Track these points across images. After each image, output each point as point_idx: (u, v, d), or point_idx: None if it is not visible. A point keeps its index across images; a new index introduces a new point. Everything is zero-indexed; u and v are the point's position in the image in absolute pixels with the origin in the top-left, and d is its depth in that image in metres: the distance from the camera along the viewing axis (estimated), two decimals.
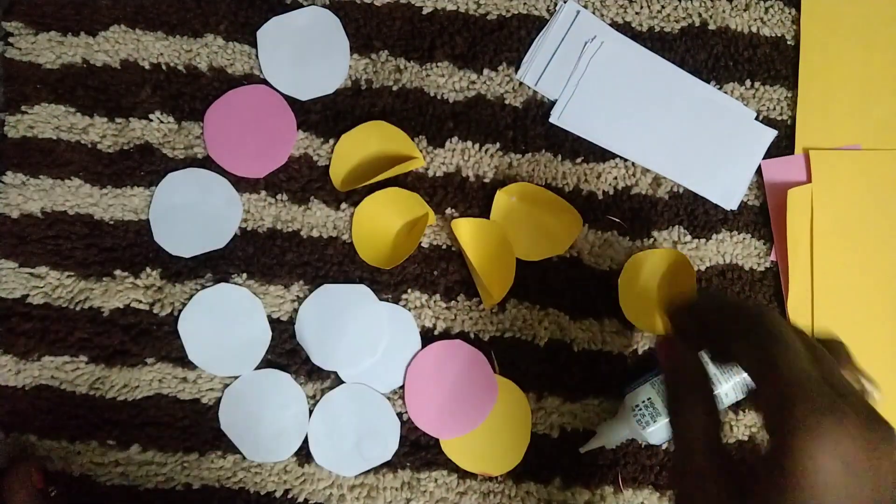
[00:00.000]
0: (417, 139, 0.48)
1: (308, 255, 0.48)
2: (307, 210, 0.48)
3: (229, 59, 0.49)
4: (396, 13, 0.49)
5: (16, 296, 0.48)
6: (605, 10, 0.49)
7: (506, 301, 0.48)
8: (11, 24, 0.49)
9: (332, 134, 0.49)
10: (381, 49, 0.49)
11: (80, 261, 0.48)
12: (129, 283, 0.48)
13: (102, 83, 0.49)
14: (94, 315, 0.48)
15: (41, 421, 0.47)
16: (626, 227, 0.48)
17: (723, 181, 0.48)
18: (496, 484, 0.47)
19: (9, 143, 0.48)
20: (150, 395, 0.47)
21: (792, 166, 0.49)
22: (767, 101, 0.49)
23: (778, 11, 0.49)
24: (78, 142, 0.48)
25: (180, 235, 0.48)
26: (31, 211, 0.48)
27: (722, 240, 0.48)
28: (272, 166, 0.48)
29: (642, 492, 0.47)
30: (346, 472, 0.47)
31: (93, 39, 0.49)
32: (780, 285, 0.48)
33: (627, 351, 0.48)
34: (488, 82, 0.49)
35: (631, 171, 0.49)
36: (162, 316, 0.48)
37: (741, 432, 0.47)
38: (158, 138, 0.49)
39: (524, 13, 0.49)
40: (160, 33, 0.49)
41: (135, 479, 0.47)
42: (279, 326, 0.47)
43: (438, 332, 0.48)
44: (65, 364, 0.47)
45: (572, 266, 0.48)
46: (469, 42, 0.49)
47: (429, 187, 0.48)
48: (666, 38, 0.49)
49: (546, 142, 0.49)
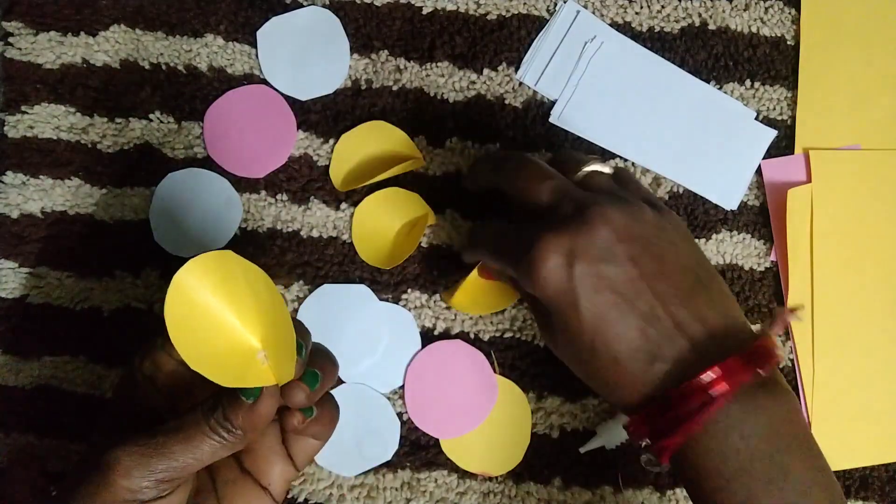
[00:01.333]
0: (417, 139, 0.48)
1: (308, 255, 0.48)
2: (307, 210, 0.48)
3: (229, 59, 0.49)
4: (396, 13, 0.49)
5: (16, 296, 0.48)
6: (605, 10, 0.49)
7: None
8: (11, 24, 0.49)
9: (332, 134, 0.49)
10: (381, 49, 0.49)
11: (80, 261, 0.48)
12: (129, 283, 0.48)
13: (102, 83, 0.49)
14: (94, 315, 0.48)
15: (41, 421, 0.47)
16: None
17: (723, 181, 0.48)
18: (496, 484, 0.47)
19: (9, 143, 0.48)
20: None
21: (792, 166, 0.49)
22: (767, 101, 0.49)
23: (778, 11, 0.49)
24: (78, 142, 0.48)
25: (180, 235, 0.48)
26: (31, 211, 0.48)
27: (722, 240, 0.48)
28: (272, 166, 0.48)
29: (642, 492, 0.47)
30: (346, 472, 0.47)
31: (93, 39, 0.49)
32: (780, 285, 0.48)
33: None
34: (488, 82, 0.49)
35: (631, 172, 0.49)
36: (162, 316, 0.47)
37: None
38: (158, 138, 0.49)
39: (524, 13, 0.49)
40: (160, 33, 0.49)
41: None
42: None
43: (438, 332, 0.48)
44: (65, 364, 0.47)
45: None
46: (469, 42, 0.49)
47: (429, 187, 0.48)
48: (666, 38, 0.49)
49: (546, 142, 0.49)
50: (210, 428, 0.29)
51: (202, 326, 0.28)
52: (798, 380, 0.47)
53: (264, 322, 0.29)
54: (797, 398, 0.47)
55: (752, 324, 0.48)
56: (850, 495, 0.47)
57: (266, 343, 0.30)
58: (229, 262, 0.28)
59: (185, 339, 0.27)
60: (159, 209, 0.48)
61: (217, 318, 0.28)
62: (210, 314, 0.28)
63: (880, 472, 0.47)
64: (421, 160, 0.48)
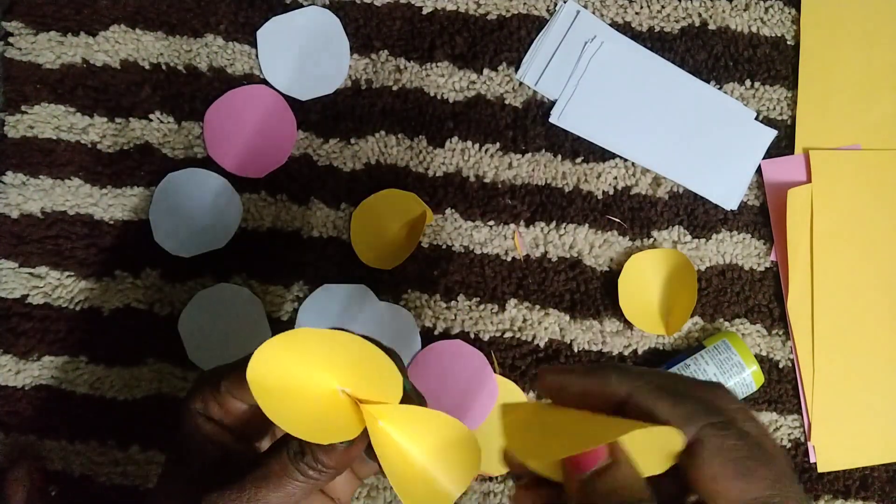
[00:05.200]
0: (417, 139, 0.48)
1: (308, 255, 0.48)
2: (307, 210, 0.48)
3: (229, 59, 0.49)
4: (396, 13, 0.49)
5: (16, 296, 0.48)
6: (605, 10, 0.49)
7: (506, 301, 0.48)
8: (11, 24, 0.49)
9: (332, 134, 0.49)
10: (381, 49, 0.49)
11: (80, 261, 0.48)
12: (129, 283, 0.48)
13: (102, 83, 0.49)
14: (94, 315, 0.48)
15: (41, 421, 0.47)
16: (626, 227, 0.48)
17: (723, 181, 0.48)
18: (496, 484, 0.47)
19: (9, 143, 0.48)
20: (150, 395, 0.47)
21: (792, 166, 0.48)
22: (767, 101, 0.49)
23: (778, 11, 0.49)
24: (78, 142, 0.48)
25: (180, 235, 0.48)
26: (31, 211, 0.48)
27: (722, 240, 0.48)
28: (272, 166, 0.48)
29: None
30: None
31: (93, 39, 0.49)
32: (780, 285, 0.48)
33: (627, 351, 0.48)
34: (488, 82, 0.49)
35: (631, 171, 0.49)
36: (162, 316, 0.48)
37: None
38: (158, 138, 0.49)
39: (524, 13, 0.49)
40: (160, 33, 0.49)
41: (135, 479, 0.47)
42: (279, 326, 0.47)
43: (438, 333, 0.48)
44: (65, 364, 0.47)
45: (572, 266, 0.48)
46: (469, 42, 0.49)
47: (429, 187, 0.48)
48: (666, 38, 0.49)
49: (546, 142, 0.49)
50: (300, 472, 0.29)
51: (290, 397, 0.28)
52: (798, 380, 0.47)
53: (353, 372, 0.29)
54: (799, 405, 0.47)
55: (753, 324, 0.48)
56: (851, 495, 0.47)
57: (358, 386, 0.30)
58: (299, 337, 0.28)
59: (277, 411, 0.27)
60: (159, 209, 0.48)
61: (301, 387, 0.29)
62: (293, 386, 0.29)
63: (880, 472, 0.47)
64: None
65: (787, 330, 0.48)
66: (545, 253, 0.48)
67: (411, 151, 0.49)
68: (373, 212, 0.48)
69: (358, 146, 0.48)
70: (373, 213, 0.48)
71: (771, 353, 0.48)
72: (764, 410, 0.47)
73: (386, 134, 0.49)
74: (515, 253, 0.48)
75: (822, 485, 0.47)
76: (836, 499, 0.47)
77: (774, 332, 0.48)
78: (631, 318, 0.47)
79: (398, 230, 0.48)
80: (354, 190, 0.48)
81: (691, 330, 0.48)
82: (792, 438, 0.47)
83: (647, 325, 0.47)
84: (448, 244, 0.48)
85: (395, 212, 0.48)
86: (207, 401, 0.32)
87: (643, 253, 0.48)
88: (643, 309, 0.47)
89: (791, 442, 0.47)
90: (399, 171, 0.48)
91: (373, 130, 0.49)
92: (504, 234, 0.48)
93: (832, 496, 0.47)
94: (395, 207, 0.48)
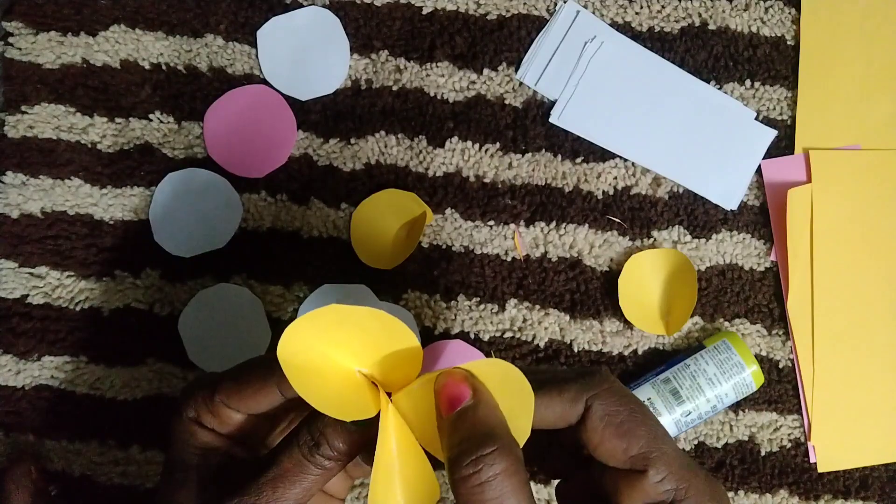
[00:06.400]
0: (417, 139, 0.48)
1: (308, 255, 0.48)
2: (307, 210, 0.48)
3: (229, 59, 0.49)
4: (396, 13, 0.49)
5: (16, 296, 0.48)
6: (605, 10, 0.49)
7: (506, 301, 0.48)
8: (11, 24, 0.49)
9: (332, 134, 0.49)
10: (381, 49, 0.49)
11: (80, 261, 0.48)
12: (129, 283, 0.48)
13: (102, 83, 0.49)
14: (94, 315, 0.48)
15: (41, 421, 0.47)
16: (626, 227, 0.48)
17: (723, 181, 0.48)
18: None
19: (9, 143, 0.48)
20: (150, 395, 0.47)
21: (792, 166, 0.49)
22: (767, 101, 0.49)
23: (778, 11, 0.49)
24: (78, 142, 0.48)
25: (180, 235, 0.48)
26: (31, 211, 0.48)
27: (722, 240, 0.48)
28: (272, 166, 0.48)
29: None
30: None
31: (93, 39, 0.49)
32: (780, 285, 0.48)
33: (627, 351, 0.48)
34: (488, 82, 0.49)
35: (631, 171, 0.49)
36: (162, 316, 0.48)
37: (741, 432, 0.47)
38: (158, 138, 0.49)
39: (524, 13, 0.49)
40: (160, 33, 0.49)
41: (135, 479, 0.47)
42: (279, 326, 0.47)
43: (438, 333, 0.48)
44: (65, 364, 0.47)
45: (572, 266, 0.48)
46: (469, 42, 0.49)
47: (429, 187, 0.48)
48: (666, 38, 0.49)
49: (546, 142, 0.49)
50: (314, 464, 0.29)
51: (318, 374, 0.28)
52: (798, 380, 0.47)
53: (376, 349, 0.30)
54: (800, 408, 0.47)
55: (753, 324, 0.48)
56: (851, 495, 0.47)
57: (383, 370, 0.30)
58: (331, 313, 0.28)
59: (304, 385, 0.27)
60: (159, 209, 0.48)
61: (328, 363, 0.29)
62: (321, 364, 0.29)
63: (880, 472, 0.47)
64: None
65: (787, 330, 0.48)
66: (545, 253, 0.48)
67: (411, 151, 0.49)
68: (373, 212, 0.48)
69: (358, 146, 0.49)
70: (373, 213, 0.48)
71: (771, 353, 0.48)
72: (764, 410, 0.47)
73: (386, 134, 0.49)
74: (515, 253, 0.48)
75: (822, 485, 0.47)
76: (836, 499, 0.47)
77: (774, 332, 0.48)
78: (631, 318, 0.47)
79: (398, 230, 0.48)
80: (354, 190, 0.48)
81: (691, 330, 0.48)
82: (792, 438, 0.47)
83: (647, 325, 0.47)
84: (448, 244, 0.48)
85: (395, 212, 0.48)
86: (201, 410, 0.31)
87: (643, 253, 0.48)
88: (643, 309, 0.47)
89: (791, 442, 0.47)
90: (399, 171, 0.48)
91: (373, 130, 0.49)
92: (504, 234, 0.48)
93: (832, 496, 0.47)
94: (395, 207, 0.48)
